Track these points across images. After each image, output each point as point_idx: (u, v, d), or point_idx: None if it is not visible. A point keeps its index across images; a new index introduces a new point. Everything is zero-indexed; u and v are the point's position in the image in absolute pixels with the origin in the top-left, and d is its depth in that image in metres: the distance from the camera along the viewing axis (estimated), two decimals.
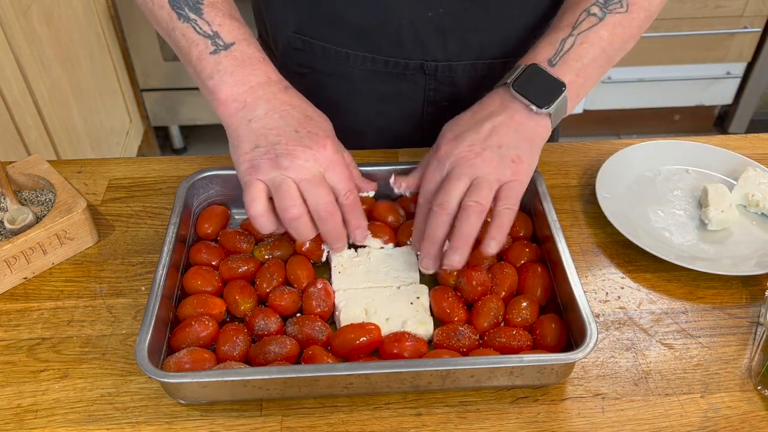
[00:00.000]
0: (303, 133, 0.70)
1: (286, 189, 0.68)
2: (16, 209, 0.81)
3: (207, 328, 0.70)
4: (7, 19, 1.52)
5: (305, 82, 0.96)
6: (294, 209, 0.68)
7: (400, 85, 0.93)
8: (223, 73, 0.71)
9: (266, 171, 0.69)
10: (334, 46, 0.91)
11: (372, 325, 0.71)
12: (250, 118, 0.71)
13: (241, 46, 0.73)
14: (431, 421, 0.67)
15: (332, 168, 0.71)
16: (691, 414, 0.67)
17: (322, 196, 0.69)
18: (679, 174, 0.93)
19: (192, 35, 0.73)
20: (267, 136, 0.70)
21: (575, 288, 0.69)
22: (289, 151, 0.69)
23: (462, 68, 0.91)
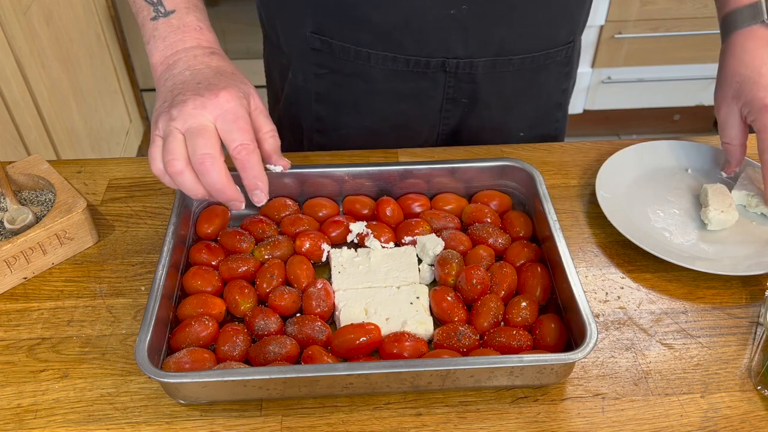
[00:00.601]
0: (204, 84, 0.69)
1: (170, 141, 0.66)
2: (16, 209, 0.81)
3: (207, 328, 0.70)
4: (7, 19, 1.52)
5: (323, 82, 0.96)
6: (176, 163, 0.65)
7: (420, 84, 0.94)
8: (157, 39, 0.74)
9: (161, 124, 0.67)
10: (355, 46, 0.91)
11: (372, 325, 0.70)
12: (166, 77, 0.72)
13: (180, 13, 0.75)
14: (431, 421, 0.67)
15: (223, 117, 0.67)
16: (691, 414, 0.67)
17: (200, 145, 0.65)
18: (679, 174, 0.93)
19: (140, 2, 0.76)
20: (173, 91, 0.70)
21: (575, 288, 0.69)
22: (182, 101, 0.67)
23: (482, 65, 0.92)
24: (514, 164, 0.84)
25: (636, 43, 2.32)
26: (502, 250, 0.80)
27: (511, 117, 1.01)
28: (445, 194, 0.85)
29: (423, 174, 0.84)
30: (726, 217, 0.84)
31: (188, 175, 0.66)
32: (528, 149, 0.97)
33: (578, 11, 0.95)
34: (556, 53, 0.95)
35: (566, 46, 0.96)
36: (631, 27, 2.29)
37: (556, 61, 0.97)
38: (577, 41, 0.99)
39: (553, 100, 1.03)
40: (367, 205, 0.84)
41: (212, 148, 0.66)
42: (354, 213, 0.84)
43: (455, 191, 0.86)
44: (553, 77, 0.99)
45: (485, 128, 1.01)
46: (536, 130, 1.04)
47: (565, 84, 1.03)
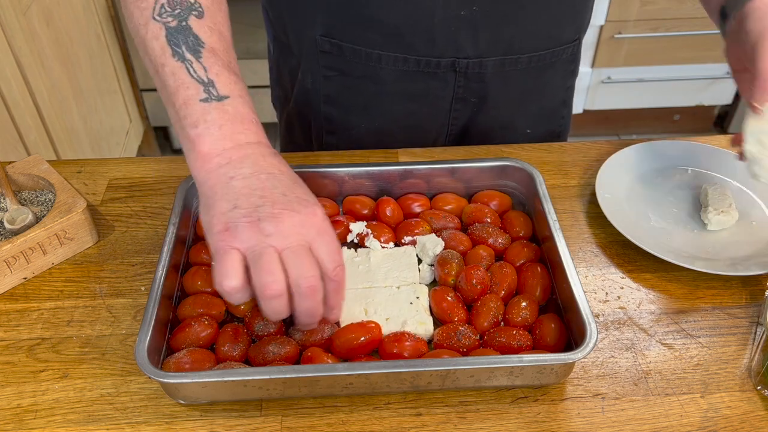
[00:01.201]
0: (291, 197, 0.62)
1: (267, 261, 0.59)
2: (16, 209, 0.81)
3: (207, 328, 0.70)
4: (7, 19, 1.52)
5: (332, 84, 0.96)
6: (275, 286, 0.59)
7: (430, 84, 0.94)
8: (211, 124, 0.64)
9: (245, 236, 0.60)
10: (365, 47, 0.91)
11: (372, 324, 0.71)
12: (232, 175, 0.63)
13: (235, 101, 0.66)
14: (431, 421, 0.67)
15: (321, 238, 0.62)
16: (691, 414, 0.67)
17: (307, 269, 0.60)
18: (679, 174, 0.93)
19: (183, 76, 0.65)
20: (249, 197, 0.61)
21: (575, 288, 0.69)
22: (275, 215, 0.60)
23: (492, 64, 0.92)
24: (514, 164, 0.84)
25: (636, 43, 2.32)
26: (502, 250, 0.80)
27: (518, 115, 1.02)
28: (445, 194, 0.85)
29: (423, 174, 0.84)
30: (726, 218, 0.84)
31: (284, 299, 0.61)
32: (528, 149, 0.97)
33: (583, 9, 0.96)
34: (562, 51, 0.96)
35: (572, 44, 0.97)
36: (631, 27, 2.29)
37: (562, 59, 0.98)
38: (581, 39, 1.00)
39: (559, 97, 1.04)
40: (367, 205, 0.84)
41: (317, 271, 0.61)
42: (354, 213, 0.84)
43: (455, 191, 0.86)
44: (558, 75, 1.00)
45: (494, 126, 1.02)
46: (542, 127, 1.05)
47: (570, 81, 1.04)
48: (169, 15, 0.67)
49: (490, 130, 1.02)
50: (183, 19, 0.67)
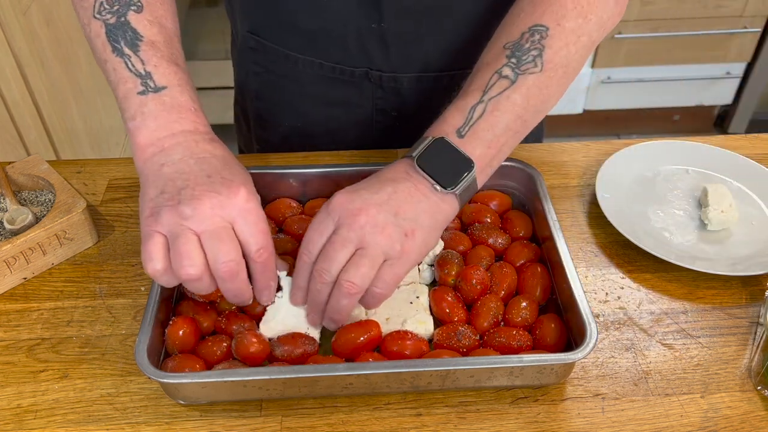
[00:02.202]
0: (215, 179, 0.63)
1: (182, 244, 0.60)
2: (16, 209, 0.81)
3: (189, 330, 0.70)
4: (7, 19, 1.52)
5: (260, 80, 0.97)
6: (190, 270, 0.60)
7: (348, 92, 0.93)
8: (147, 116, 0.65)
9: (166, 220, 0.60)
10: (284, 48, 0.91)
11: (372, 322, 0.70)
12: (162, 162, 0.64)
13: (173, 91, 0.66)
14: (431, 421, 0.67)
15: (243, 218, 0.62)
16: (691, 414, 0.67)
17: (224, 252, 0.61)
18: (679, 174, 0.93)
19: (123, 71, 0.67)
20: (175, 181, 0.62)
21: (575, 288, 0.69)
22: (195, 196, 0.61)
23: (407, 80, 0.91)
24: (514, 164, 0.84)
25: (636, 43, 2.32)
26: (502, 250, 0.80)
27: None
28: None
29: None
30: (726, 217, 0.84)
31: (205, 281, 0.62)
32: (528, 149, 0.97)
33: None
34: None
35: None
36: (631, 27, 2.29)
37: None
38: None
39: None
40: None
41: (237, 254, 0.62)
42: None
43: None
44: None
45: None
46: None
47: None
48: (108, 12, 0.69)
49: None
50: (122, 15, 0.68)
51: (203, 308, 0.73)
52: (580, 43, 0.70)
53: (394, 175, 0.67)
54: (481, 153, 0.68)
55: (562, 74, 0.70)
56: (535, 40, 0.69)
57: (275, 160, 0.96)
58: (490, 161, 0.69)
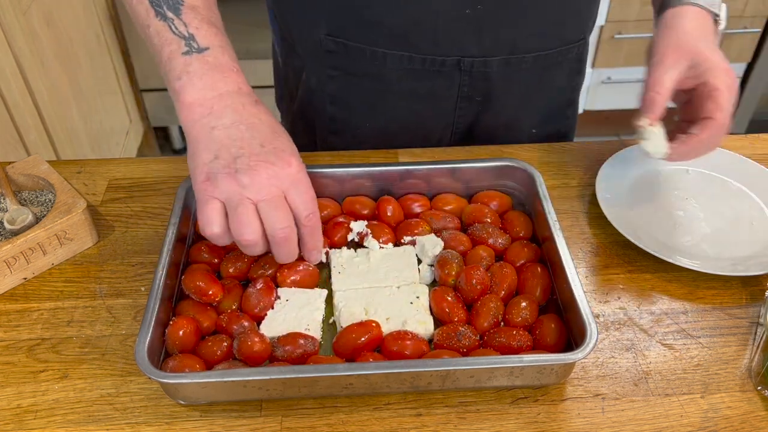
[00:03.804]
0: (268, 149, 0.67)
1: (242, 212, 0.65)
2: (16, 210, 0.81)
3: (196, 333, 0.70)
4: (7, 19, 1.52)
5: (337, 84, 0.97)
6: (249, 235, 0.65)
7: (435, 83, 0.94)
8: (192, 75, 0.68)
9: (224, 187, 0.65)
10: (370, 46, 0.91)
11: (373, 322, 0.71)
12: (213, 125, 0.67)
13: (215, 51, 0.70)
14: (431, 421, 0.67)
15: (295, 187, 0.67)
16: (691, 414, 0.67)
17: (281, 220, 0.66)
18: (679, 174, 0.93)
19: (167, 34, 0.70)
20: (229, 148, 0.66)
21: (575, 288, 0.69)
22: (251, 167, 0.65)
23: (497, 63, 0.92)
24: (514, 164, 0.84)
25: (636, 43, 2.33)
26: (502, 250, 0.80)
27: (523, 114, 1.02)
28: (445, 194, 0.85)
29: (423, 174, 0.84)
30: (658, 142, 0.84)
31: (260, 245, 0.67)
32: (528, 149, 0.97)
33: (588, 9, 0.96)
34: (568, 50, 0.96)
35: (577, 44, 0.97)
36: (631, 27, 2.29)
37: (568, 58, 0.98)
38: (587, 38, 0.99)
39: (565, 96, 1.04)
40: (368, 206, 0.84)
41: (291, 221, 0.67)
42: (354, 213, 0.84)
43: (455, 191, 0.86)
44: (564, 74, 1.00)
45: (499, 126, 1.01)
46: (548, 126, 1.05)
47: (576, 81, 1.04)
48: None
49: (494, 130, 1.02)
50: None
51: (203, 308, 0.73)
52: None
53: (700, 26, 0.82)
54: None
55: None
56: None
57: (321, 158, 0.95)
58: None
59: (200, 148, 0.67)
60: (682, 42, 0.79)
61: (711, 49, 0.79)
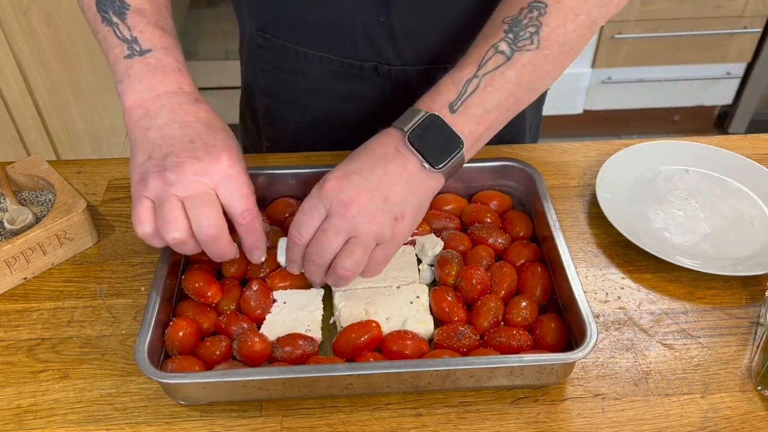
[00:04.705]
0: (198, 144, 0.65)
1: (167, 209, 0.63)
2: (16, 209, 0.81)
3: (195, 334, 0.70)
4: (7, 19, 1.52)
5: (269, 78, 0.97)
6: (175, 233, 0.64)
7: (358, 86, 0.93)
8: (133, 78, 0.68)
9: (152, 185, 0.64)
10: (293, 45, 0.91)
11: (373, 322, 0.71)
12: (148, 126, 0.67)
13: (157, 53, 0.70)
14: (431, 421, 0.67)
15: (226, 183, 0.65)
16: (691, 414, 0.67)
17: (206, 217, 0.64)
18: (679, 174, 0.93)
19: (112, 39, 0.70)
20: (161, 147, 0.65)
21: (575, 288, 0.69)
22: (178, 163, 0.64)
23: (416, 73, 0.91)
24: (514, 164, 0.84)
25: (636, 43, 2.32)
26: (502, 250, 0.80)
27: None
28: (444, 194, 0.85)
29: None
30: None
31: (190, 245, 0.65)
32: (528, 149, 0.97)
33: None
34: None
35: None
36: (631, 27, 2.29)
37: None
38: None
39: None
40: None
41: (218, 218, 0.65)
42: None
43: (455, 191, 0.86)
44: None
45: None
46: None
47: None
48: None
49: None
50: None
51: (203, 309, 0.73)
52: (578, 21, 0.70)
53: (385, 150, 0.68)
54: (471, 129, 0.69)
55: (558, 52, 0.70)
56: (533, 17, 0.70)
57: (275, 160, 0.96)
58: (479, 137, 0.70)
59: (136, 149, 0.67)
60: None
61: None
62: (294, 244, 0.69)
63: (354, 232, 0.65)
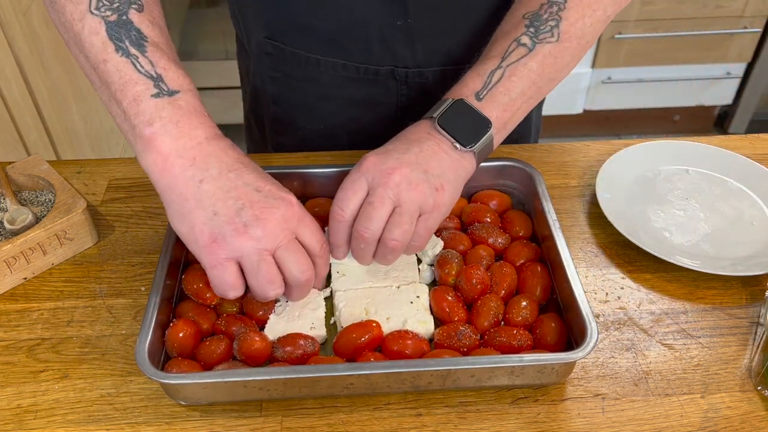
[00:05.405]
0: (266, 192, 0.64)
1: (266, 269, 0.63)
2: (16, 209, 0.81)
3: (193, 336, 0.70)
4: (7, 19, 1.52)
5: (278, 85, 0.96)
6: (277, 290, 0.65)
7: (372, 91, 0.93)
8: (167, 121, 0.62)
9: (236, 245, 0.61)
10: (305, 51, 0.90)
11: (373, 322, 0.71)
12: (200, 178, 0.62)
13: (186, 95, 0.64)
14: (431, 421, 0.67)
15: (302, 224, 0.65)
16: (691, 414, 0.67)
17: (301, 263, 0.65)
18: (679, 174, 0.93)
19: (130, 73, 0.63)
20: (226, 200, 0.62)
21: (575, 288, 0.69)
22: (258, 217, 0.62)
23: (432, 74, 0.91)
24: (514, 164, 0.84)
25: (636, 43, 2.33)
26: (502, 249, 0.80)
27: None
28: None
29: None
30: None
31: (280, 294, 0.66)
32: (528, 149, 0.97)
33: None
34: None
35: None
36: (631, 27, 2.29)
37: None
38: None
39: None
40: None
41: (309, 263, 0.66)
42: None
43: None
44: None
45: None
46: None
47: None
48: (107, 9, 0.65)
49: None
50: (123, 13, 0.65)
51: (203, 310, 0.73)
52: (595, 16, 0.75)
53: (418, 135, 0.72)
54: (498, 115, 0.72)
55: (576, 45, 0.75)
56: (553, 12, 0.74)
57: (275, 160, 0.96)
58: (505, 123, 0.74)
59: (191, 205, 0.62)
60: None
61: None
62: (338, 222, 0.69)
63: (398, 200, 0.67)
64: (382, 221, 0.67)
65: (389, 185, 0.67)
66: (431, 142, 0.71)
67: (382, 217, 0.67)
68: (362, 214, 0.68)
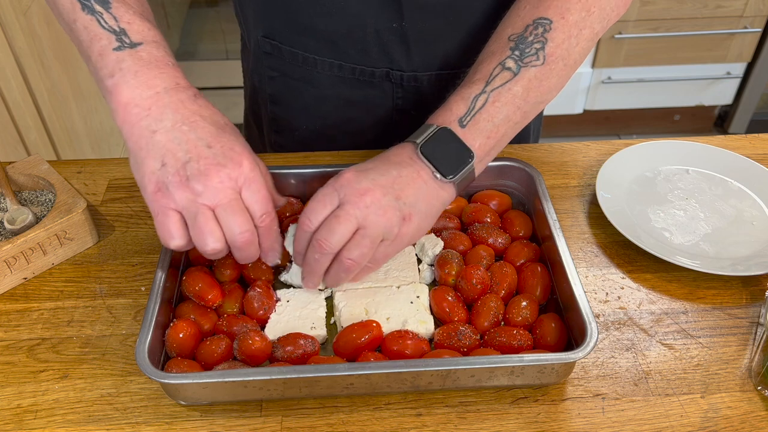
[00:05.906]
0: (216, 149, 0.64)
1: (202, 222, 0.63)
2: (16, 209, 0.81)
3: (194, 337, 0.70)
4: (7, 19, 1.52)
5: (275, 85, 0.97)
6: (213, 244, 0.64)
7: (368, 92, 0.93)
8: (126, 72, 0.64)
9: (178, 196, 0.62)
10: (302, 51, 0.91)
11: (373, 322, 0.71)
12: (154, 128, 0.64)
13: (149, 47, 0.66)
14: (431, 421, 0.67)
15: (248, 187, 0.65)
16: (692, 414, 0.67)
17: (240, 224, 0.64)
18: (679, 174, 0.93)
19: (95, 29, 0.66)
20: (175, 152, 0.63)
21: (575, 288, 0.69)
22: (202, 172, 0.62)
23: (427, 78, 0.91)
24: (514, 164, 0.84)
25: (636, 43, 2.33)
26: (502, 249, 0.80)
27: None
28: None
29: None
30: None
31: (224, 251, 0.66)
32: (528, 149, 0.97)
33: None
34: None
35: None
36: (631, 27, 2.29)
37: None
38: None
39: None
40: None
41: (250, 223, 0.65)
42: None
43: None
44: None
45: None
46: None
47: None
48: None
49: None
50: None
51: (203, 311, 0.73)
52: (582, 35, 0.73)
53: (400, 158, 0.70)
54: (481, 143, 0.71)
55: (562, 66, 0.73)
56: (539, 33, 0.72)
57: (275, 160, 0.96)
58: (489, 151, 0.73)
59: (143, 154, 0.64)
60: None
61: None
62: (303, 231, 0.69)
63: (364, 222, 0.66)
64: (344, 238, 0.66)
65: (359, 205, 0.66)
66: (411, 168, 0.69)
67: (344, 233, 0.66)
68: (325, 226, 0.67)
